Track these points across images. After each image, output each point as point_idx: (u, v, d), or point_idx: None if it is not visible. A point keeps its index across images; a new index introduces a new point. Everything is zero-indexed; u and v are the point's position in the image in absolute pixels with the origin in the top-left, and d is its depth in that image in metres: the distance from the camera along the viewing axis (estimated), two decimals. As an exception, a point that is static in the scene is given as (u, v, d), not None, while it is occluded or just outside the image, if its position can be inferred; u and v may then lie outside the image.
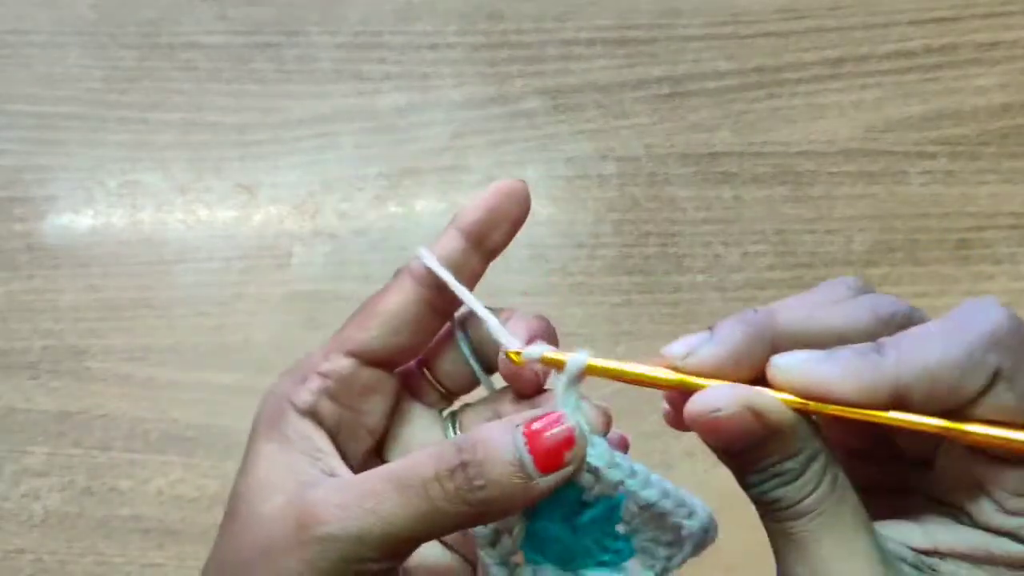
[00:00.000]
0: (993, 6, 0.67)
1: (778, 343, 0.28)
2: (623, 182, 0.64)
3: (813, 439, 0.28)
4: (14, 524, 0.56)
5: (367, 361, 0.34)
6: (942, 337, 0.27)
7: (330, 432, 0.34)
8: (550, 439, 0.29)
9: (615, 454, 0.30)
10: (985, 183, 0.63)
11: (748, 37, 0.67)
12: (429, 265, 0.33)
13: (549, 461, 0.29)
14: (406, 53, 0.67)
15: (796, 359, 0.28)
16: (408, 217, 0.63)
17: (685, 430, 0.31)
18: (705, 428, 0.28)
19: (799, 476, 0.27)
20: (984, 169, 0.63)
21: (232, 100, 0.66)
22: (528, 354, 0.31)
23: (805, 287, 0.65)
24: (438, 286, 0.34)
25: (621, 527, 0.31)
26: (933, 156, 0.64)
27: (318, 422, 0.33)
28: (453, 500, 0.29)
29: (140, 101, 0.66)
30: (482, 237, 0.34)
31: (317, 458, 0.33)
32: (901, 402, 0.27)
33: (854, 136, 0.64)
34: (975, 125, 0.64)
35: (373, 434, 0.35)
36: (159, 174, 0.64)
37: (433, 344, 0.36)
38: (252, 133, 0.65)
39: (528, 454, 0.29)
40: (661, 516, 0.31)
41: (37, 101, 0.66)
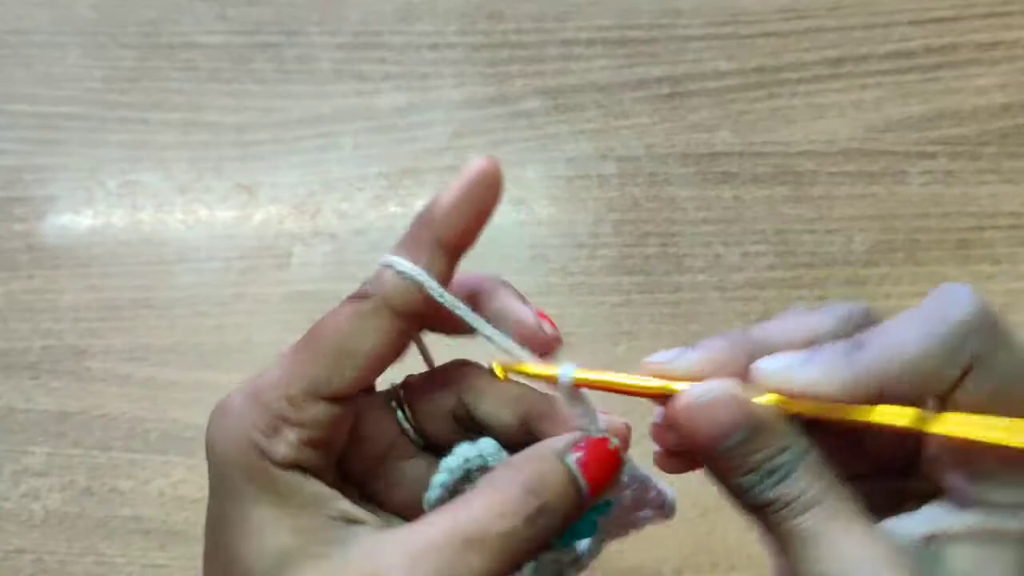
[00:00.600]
0: (993, 6, 0.67)
1: (756, 352, 0.28)
2: (623, 182, 0.64)
3: (800, 438, 0.28)
4: (14, 524, 0.56)
5: (340, 400, 0.30)
6: (918, 326, 0.27)
7: (317, 475, 0.30)
8: (603, 466, 0.29)
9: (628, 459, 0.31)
10: (985, 183, 0.63)
11: (748, 37, 0.67)
12: (417, 278, 0.30)
13: (601, 482, 0.29)
14: (406, 53, 0.67)
15: (778, 362, 0.28)
16: (408, 217, 0.62)
17: (678, 471, 0.31)
18: (693, 420, 0.28)
19: (794, 470, 0.27)
20: (984, 169, 0.64)
21: (232, 100, 0.66)
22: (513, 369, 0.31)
23: (805, 287, 0.66)
24: (416, 314, 0.30)
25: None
26: (933, 156, 0.64)
27: (304, 471, 0.30)
28: (533, 545, 0.28)
29: (140, 101, 0.66)
30: (457, 241, 0.31)
31: (322, 507, 0.30)
32: (884, 395, 0.27)
33: (854, 136, 0.64)
34: (975, 125, 0.64)
35: (340, 451, 0.32)
36: (159, 174, 0.64)
37: None
38: (252, 133, 0.65)
39: (584, 481, 0.28)
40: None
41: (37, 101, 0.66)
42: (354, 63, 0.67)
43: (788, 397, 0.28)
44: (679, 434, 0.28)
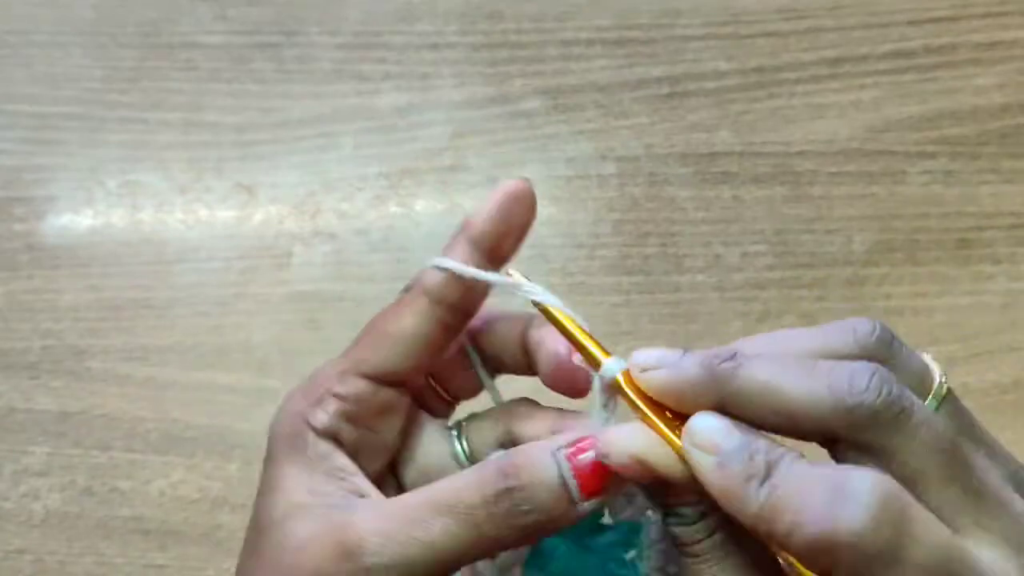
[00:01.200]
0: (991, 6, 0.67)
1: (727, 400, 0.27)
2: (623, 182, 0.64)
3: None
4: (14, 524, 0.56)
5: (382, 382, 0.33)
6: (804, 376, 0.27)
7: (350, 453, 0.33)
8: (595, 464, 0.29)
9: None
10: (985, 183, 0.63)
11: (748, 37, 0.67)
12: (454, 269, 0.32)
13: (593, 485, 0.29)
14: (406, 53, 0.67)
15: (651, 356, 0.28)
16: (408, 217, 0.63)
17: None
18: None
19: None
20: (984, 169, 0.64)
21: (232, 100, 0.66)
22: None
23: (805, 287, 0.66)
24: (450, 304, 0.33)
25: (630, 554, 0.31)
26: (933, 156, 0.64)
27: (338, 443, 0.33)
28: (499, 526, 0.28)
29: (140, 101, 0.66)
30: (494, 248, 0.33)
31: (342, 478, 0.32)
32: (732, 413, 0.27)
33: (854, 136, 0.64)
34: (975, 125, 0.64)
35: (389, 452, 0.35)
36: (159, 174, 0.64)
37: None
38: (252, 133, 0.65)
39: (573, 479, 0.29)
40: (675, 547, 0.31)
41: (37, 101, 0.66)
42: (354, 63, 0.67)
43: (661, 402, 0.28)
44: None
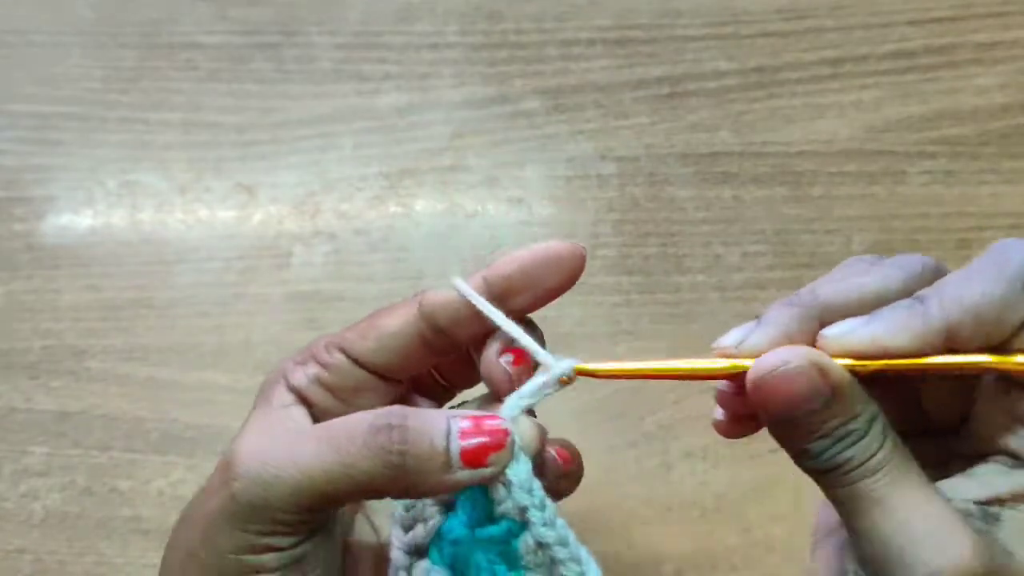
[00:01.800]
0: (993, 6, 0.67)
1: (824, 317, 0.29)
2: (623, 182, 0.64)
3: (870, 402, 0.29)
4: (14, 524, 0.56)
5: (360, 366, 0.35)
6: (980, 277, 0.28)
7: (316, 414, 0.35)
8: (481, 435, 0.30)
9: (535, 482, 0.31)
10: (985, 183, 0.63)
11: (748, 37, 0.67)
12: (461, 291, 0.34)
13: (473, 457, 0.30)
14: (406, 53, 0.67)
15: (846, 327, 0.29)
16: (408, 217, 0.63)
17: (736, 436, 0.32)
18: (772, 390, 0.28)
19: (864, 435, 0.28)
20: (984, 169, 0.64)
21: (232, 100, 0.66)
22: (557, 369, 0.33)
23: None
24: (435, 324, 0.34)
25: (519, 557, 0.31)
26: (933, 156, 0.64)
27: (304, 402, 0.35)
28: (371, 457, 0.30)
29: (140, 101, 0.66)
30: (505, 295, 0.34)
31: (293, 421, 0.34)
32: (951, 346, 0.28)
33: (854, 136, 0.64)
34: (975, 125, 0.64)
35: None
36: (159, 174, 0.64)
37: None
38: (252, 133, 0.65)
39: (457, 441, 0.30)
40: (553, 563, 0.31)
41: (37, 101, 0.66)
42: (354, 63, 0.67)
43: (860, 359, 0.29)
44: (750, 401, 0.29)
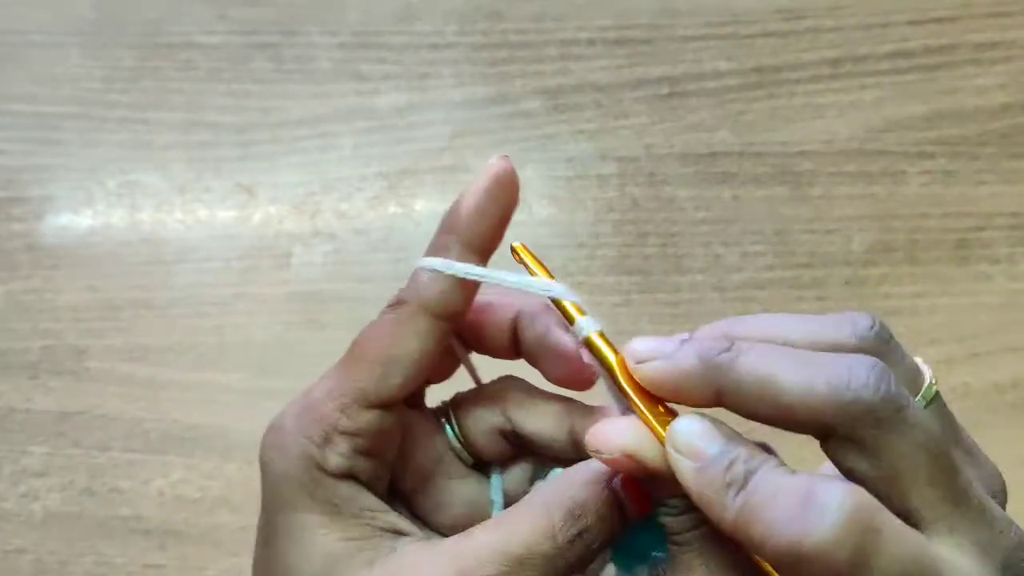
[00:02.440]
0: (992, 6, 0.67)
1: (723, 391, 0.27)
2: (623, 182, 0.64)
3: None
4: (14, 524, 0.56)
5: (387, 408, 0.31)
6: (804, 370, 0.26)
7: (368, 487, 0.31)
8: (641, 486, 0.29)
9: None
10: (984, 183, 0.63)
11: (748, 37, 0.67)
12: (448, 270, 0.31)
13: (643, 505, 0.29)
14: (406, 53, 0.67)
15: (646, 345, 0.29)
16: (408, 217, 0.63)
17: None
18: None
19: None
20: (983, 169, 0.64)
21: (232, 100, 0.66)
22: (583, 328, 0.31)
23: (804, 287, 0.66)
24: (453, 313, 0.31)
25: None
26: (932, 156, 0.64)
27: (357, 481, 0.31)
28: (571, 564, 0.29)
29: (140, 101, 0.66)
30: (485, 244, 0.31)
31: (372, 518, 0.31)
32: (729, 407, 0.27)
33: (853, 136, 0.64)
34: (974, 125, 0.64)
35: (391, 467, 0.33)
36: (159, 174, 0.64)
37: None
38: (252, 133, 0.65)
39: (629, 504, 0.29)
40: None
41: (37, 101, 0.66)
42: (353, 63, 0.67)
43: (657, 393, 0.28)
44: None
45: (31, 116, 0.66)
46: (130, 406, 0.59)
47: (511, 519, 0.29)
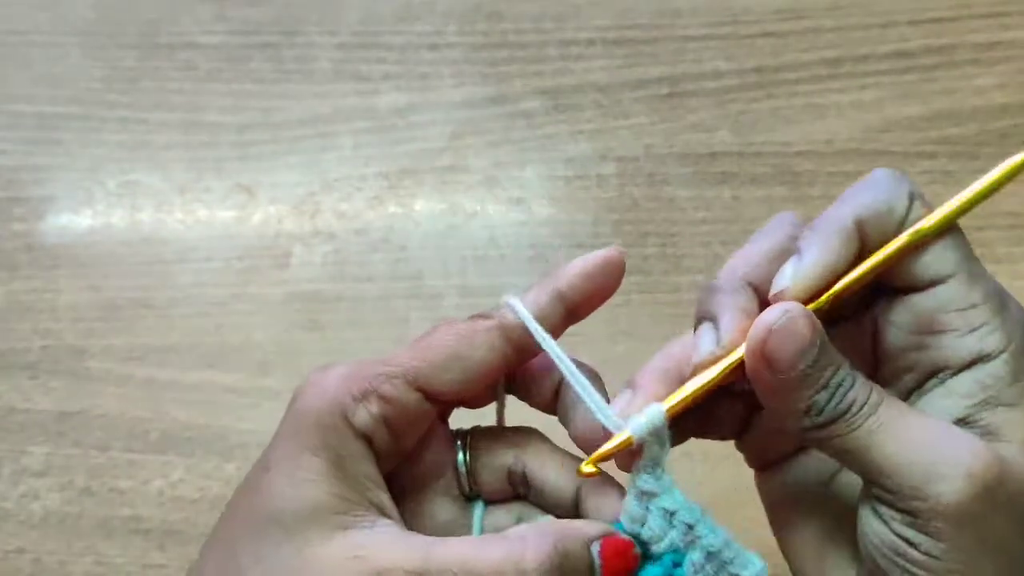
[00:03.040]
0: (992, 6, 0.67)
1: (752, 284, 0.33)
2: (622, 182, 0.64)
3: (839, 353, 0.31)
4: (13, 524, 0.56)
5: (429, 397, 0.33)
6: (864, 189, 0.33)
7: (377, 460, 0.32)
8: (621, 564, 0.31)
9: (687, 500, 0.32)
10: (984, 183, 0.63)
11: (747, 37, 0.67)
12: (528, 325, 0.33)
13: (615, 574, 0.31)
14: (405, 53, 0.67)
15: (788, 271, 0.31)
16: (407, 217, 0.63)
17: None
18: (779, 344, 0.29)
19: (855, 378, 0.30)
20: (983, 169, 0.63)
21: (231, 100, 0.66)
22: (637, 431, 0.32)
23: (804, 287, 0.64)
24: (520, 346, 0.33)
25: None
26: (933, 156, 0.64)
27: (371, 447, 0.32)
28: None
29: (140, 101, 0.66)
30: (576, 306, 0.34)
31: (367, 488, 0.32)
32: (863, 244, 0.31)
33: (853, 136, 0.64)
34: (974, 125, 0.64)
35: (400, 458, 0.34)
36: (158, 174, 0.64)
37: None
38: (251, 133, 0.65)
39: (600, 569, 0.31)
40: (721, 569, 0.31)
41: (37, 101, 0.66)
42: (353, 63, 0.67)
43: (813, 296, 0.31)
44: (754, 367, 0.30)
45: (31, 116, 0.66)
46: (130, 406, 0.59)
47: (488, 542, 0.31)
